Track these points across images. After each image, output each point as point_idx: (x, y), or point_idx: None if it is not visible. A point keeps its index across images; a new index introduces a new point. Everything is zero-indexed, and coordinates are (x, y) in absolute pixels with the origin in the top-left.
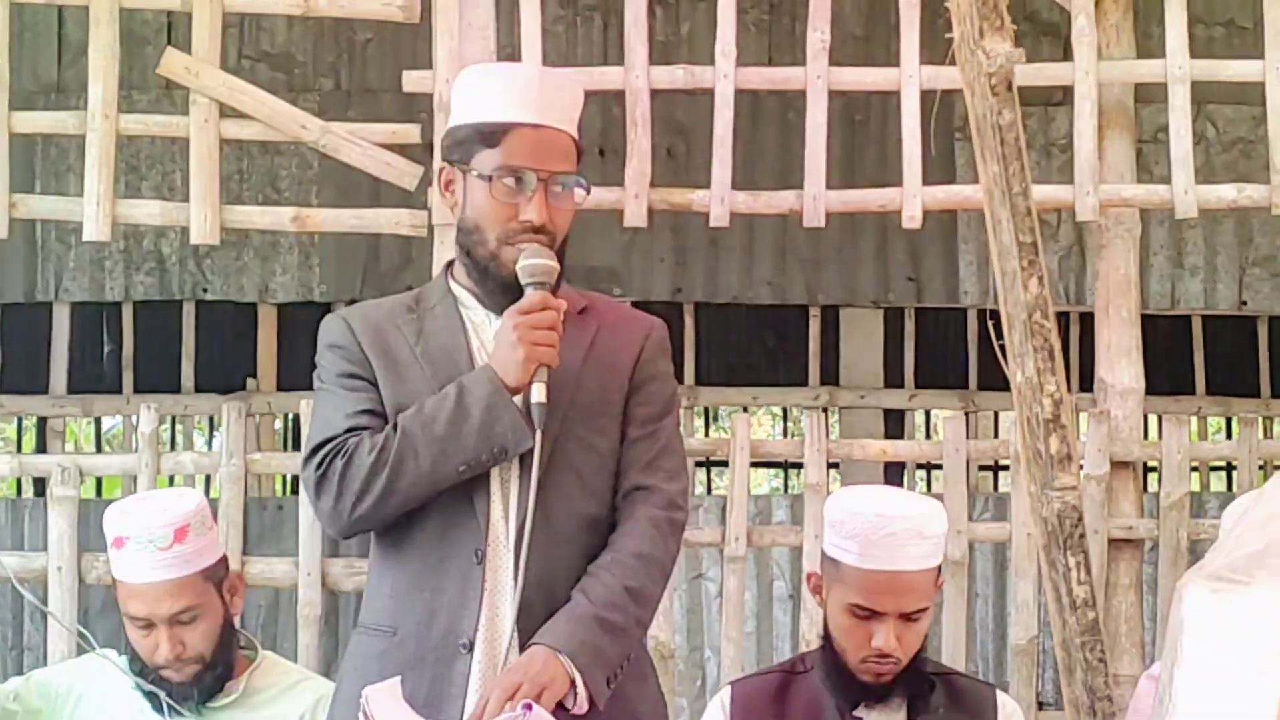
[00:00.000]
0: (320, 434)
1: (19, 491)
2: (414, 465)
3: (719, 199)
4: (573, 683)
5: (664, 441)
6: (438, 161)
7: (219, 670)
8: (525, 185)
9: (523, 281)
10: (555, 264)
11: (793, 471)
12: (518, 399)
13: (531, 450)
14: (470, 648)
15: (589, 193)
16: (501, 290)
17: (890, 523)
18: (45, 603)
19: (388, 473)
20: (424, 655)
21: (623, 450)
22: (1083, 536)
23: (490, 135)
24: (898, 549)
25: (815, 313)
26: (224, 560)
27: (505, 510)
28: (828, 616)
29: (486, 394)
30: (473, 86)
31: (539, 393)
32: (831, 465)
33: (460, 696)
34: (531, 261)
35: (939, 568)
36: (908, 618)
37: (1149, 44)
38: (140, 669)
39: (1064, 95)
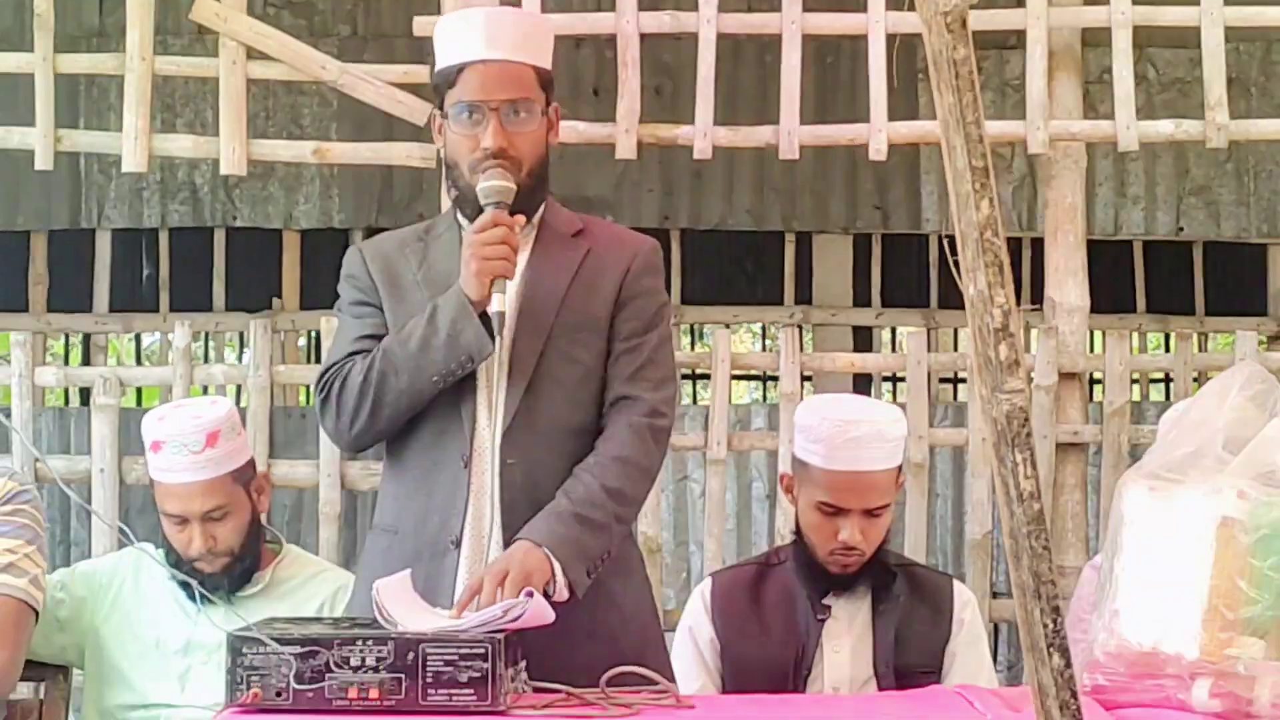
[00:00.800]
0: (327, 360)
1: (66, 401)
2: (394, 380)
3: (702, 134)
4: (553, 573)
5: (648, 354)
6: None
7: (247, 562)
8: (480, 116)
9: (481, 203)
10: (509, 184)
11: (770, 383)
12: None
13: (517, 363)
14: (458, 544)
15: (549, 113)
16: (478, 215)
17: (852, 427)
18: (89, 502)
19: (374, 390)
20: (420, 551)
21: (609, 363)
22: (1029, 435)
23: (449, 77)
24: (860, 451)
25: (790, 238)
26: (252, 462)
27: (491, 419)
28: (798, 514)
29: (452, 309)
30: (439, 37)
31: (497, 302)
32: (805, 378)
33: (450, 588)
34: (486, 184)
35: (899, 468)
36: (870, 514)
37: None
38: (175, 561)
39: (1017, 39)
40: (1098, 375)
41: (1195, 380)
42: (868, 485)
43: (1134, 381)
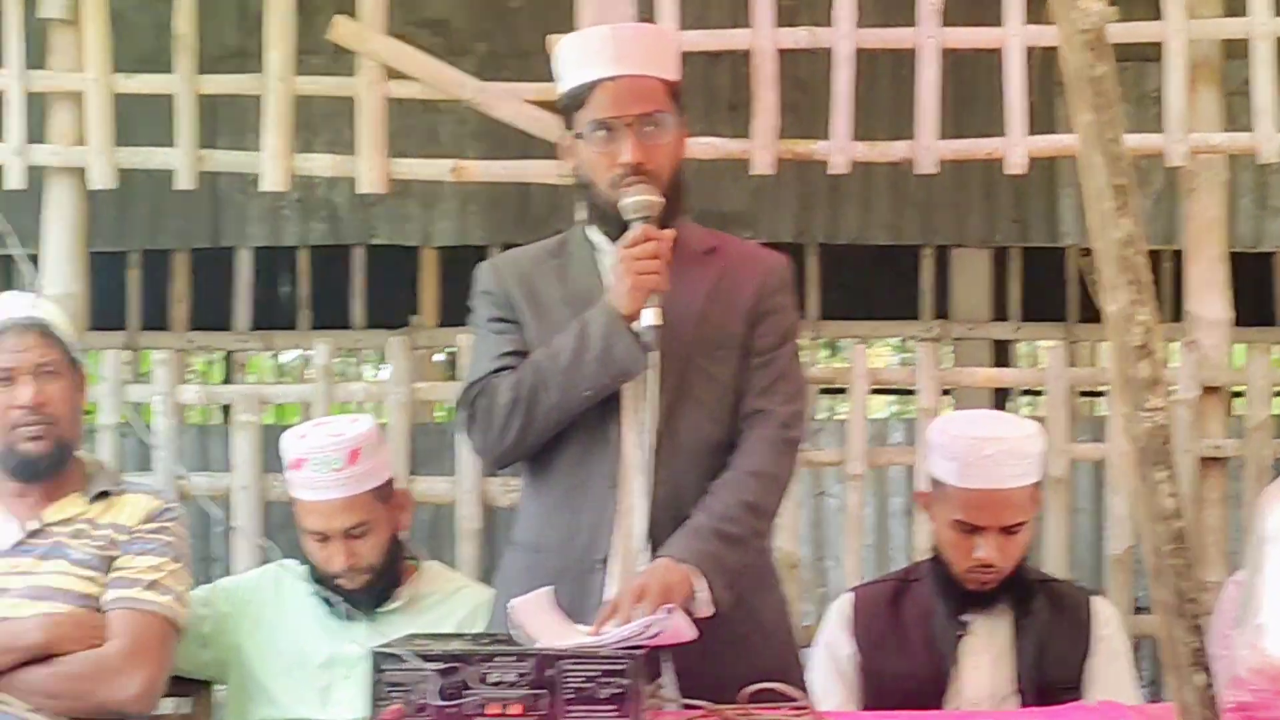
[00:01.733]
0: (471, 377)
1: (207, 419)
2: (545, 396)
3: (839, 149)
4: (694, 588)
5: (780, 368)
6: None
7: (387, 579)
8: (615, 133)
9: (626, 218)
10: (656, 198)
11: (908, 398)
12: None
13: (659, 383)
14: (604, 562)
15: (680, 124)
16: (621, 232)
17: (987, 444)
18: (231, 519)
19: (525, 406)
20: (566, 569)
21: (744, 378)
22: (1171, 453)
23: (579, 98)
24: (995, 468)
25: (928, 252)
26: (392, 479)
27: (640, 437)
28: (935, 531)
29: (604, 323)
30: (563, 58)
31: (650, 316)
32: (944, 392)
33: (596, 606)
34: (632, 199)
35: (1037, 484)
36: (1007, 531)
37: (1235, 3)
38: (317, 578)
39: (1156, 52)
40: (1239, 389)
41: None
42: (1003, 502)
43: (1276, 395)
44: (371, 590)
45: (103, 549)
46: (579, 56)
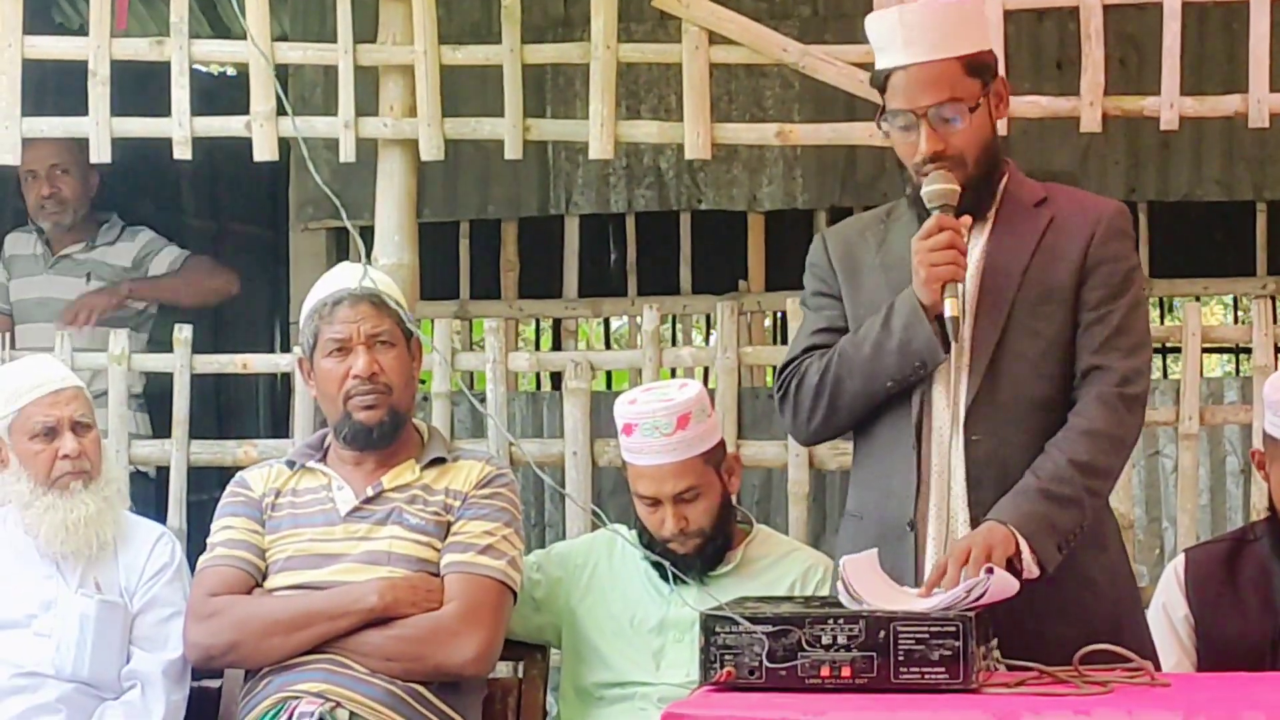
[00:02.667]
0: (788, 354)
1: (537, 385)
2: (849, 384)
3: (1168, 104)
4: (1019, 548)
5: (1117, 322)
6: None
7: (719, 542)
8: (912, 122)
9: (928, 207)
10: (951, 186)
11: (1243, 356)
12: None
13: (980, 339)
14: (913, 526)
15: (987, 96)
16: (926, 216)
17: None
18: (563, 485)
19: (829, 392)
20: (883, 535)
21: (1079, 334)
22: None
23: (879, 82)
24: None
25: (1261, 207)
26: (722, 443)
27: (949, 398)
28: (1271, 490)
29: (906, 313)
30: (871, 36)
31: (950, 307)
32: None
33: (910, 571)
34: (929, 189)
35: None
36: None
37: None
38: (648, 542)
39: None
40: None
41: None
42: None
43: None
44: (703, 554)
45: (437, 515)
46: (876, 40)
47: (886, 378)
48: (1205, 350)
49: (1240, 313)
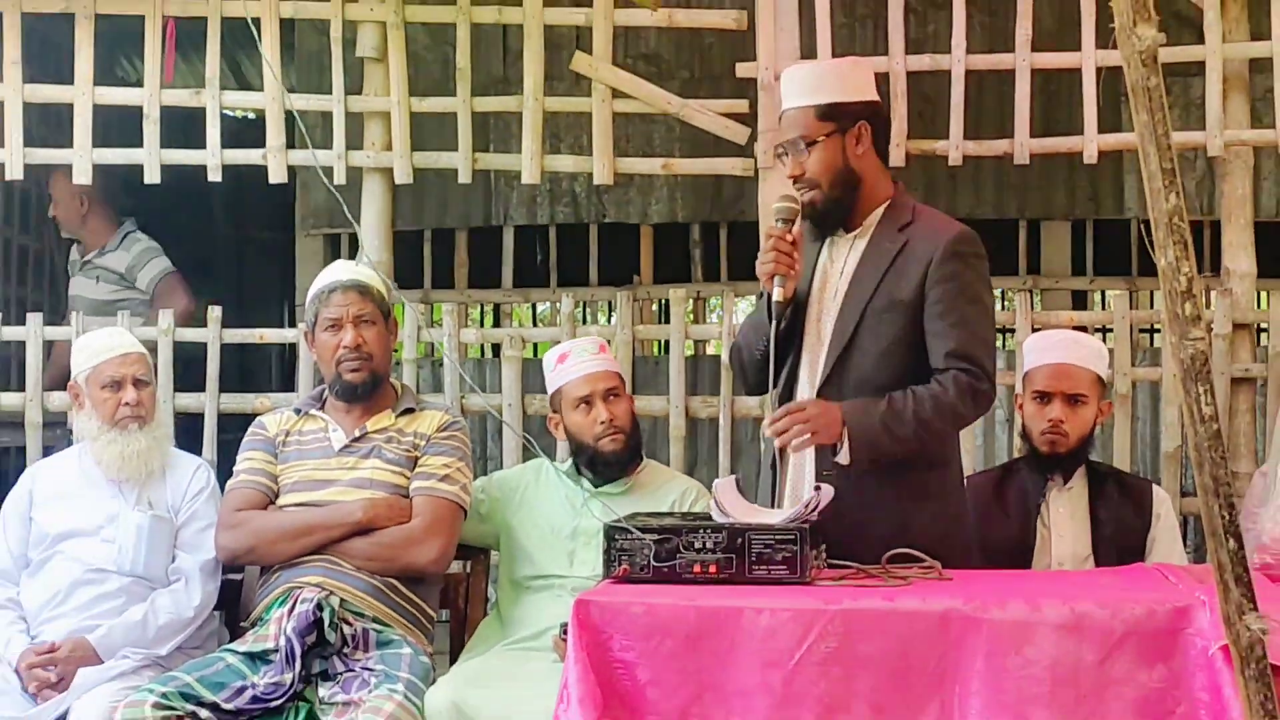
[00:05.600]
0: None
1: (482, 354)
2: (745, 350)
3: (954, 145)
4: (841, 440)
5: (951, 324)
6: (760, 125)
7: (635, 440)
8: (781, 153)
9: (774, 219)
10: (789, 204)
11: (1009, 335)
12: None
13: (837, 334)
14: (774, 467)
15: (845, 135)
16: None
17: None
18: (501, 429)
19: (738, 357)
20: (766, 466)
21: (927, 334)
22: (1209, 372)
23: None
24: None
25: (1022, 224)
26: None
27: (811, 376)
28: (1024, 420)
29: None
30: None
31: (776, 294)
32: (1036, 329)
33: (770, 496)
34: (775, 205)
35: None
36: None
37: (1260, 29)
38: (577, 450)
39: (1199, 68)
40: (1264, 325)
41: None
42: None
43: None
44: (626, 449)
45: (408, 451)
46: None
47: (755, 345)
48: None
49: (1006, 303)
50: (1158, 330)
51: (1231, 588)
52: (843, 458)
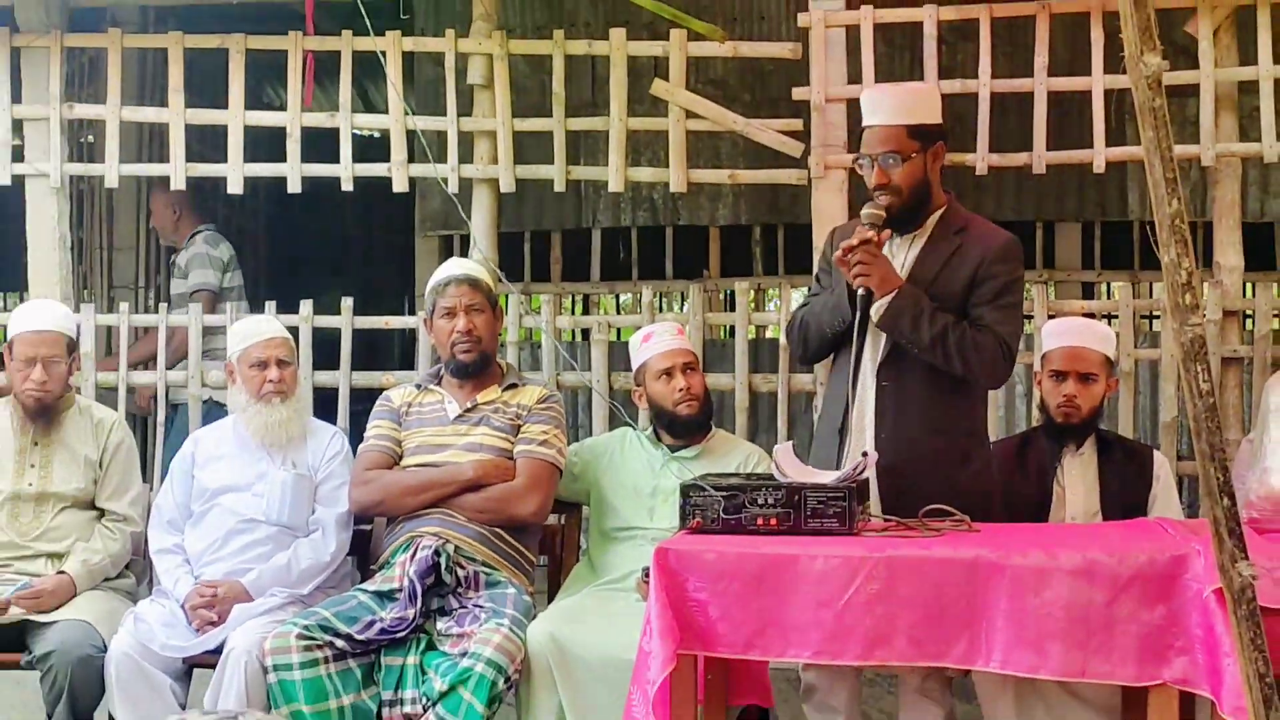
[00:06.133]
0: (797, 306)
1: (573, 338)
2: (813, 328)
3: (982, 157)
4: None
5: (992, 315)
6: (813, 141)
7: (708, 407)
8: (868, 163)
9: (862, 223)
10: (875, 210)
11: (1028, 320)
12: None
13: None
14: (841, 433)
15: (925, 154)
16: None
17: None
18: (591, 403)
19: (802, 332)
20: (829, 433)
21: (970, 318)
22: (1206, 354)
23: (860, 137)
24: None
25: (1039, 224)
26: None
27: (873, 357)
28: (1043, 394)
29: (840, 288)
30: (862, 106)
31: (861, 289)
32: (1052, 316)
33: (835, 460)
34: (863, 211)
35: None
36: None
37: (1247, 56)
38: (658, 415)
39: (1194, 90)
40: (1249, 312)
41: None
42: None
43: (1275, 315)
44: (700, 414)
45: (512, 420)
46: (863, 106)
47: (827, 325)
48: None
49: (1025, 293)
50: (1156, 316)
51: (1225, 539)
52: (875, 311)
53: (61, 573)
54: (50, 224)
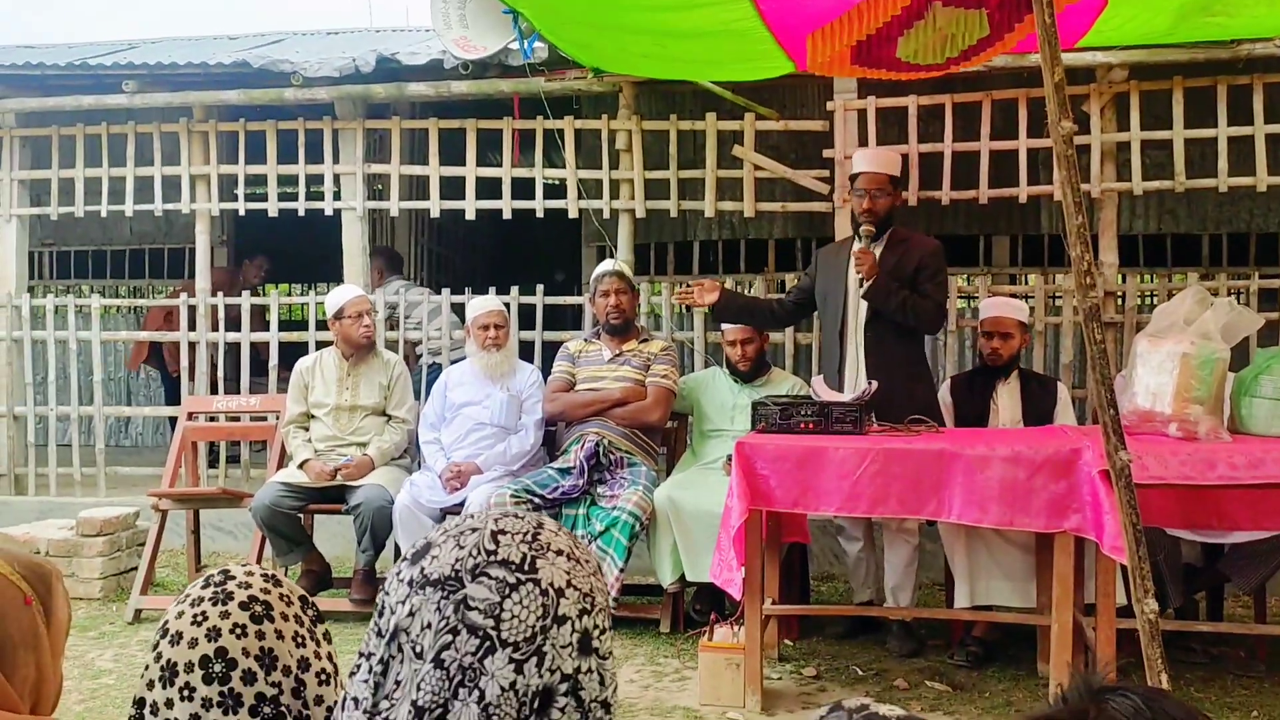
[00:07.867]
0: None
1: (682, 311)
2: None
3: (946, 194)
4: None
5: (930, 289)
6: (836, 184)
7: (758, 362)
8: (860, 195)
9: (860, 241)
10: (870, 229)
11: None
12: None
13: (872, 295)
14: (839, 369)
15: (895, 193)
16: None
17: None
18: (693, 350)
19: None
20: (830, 373)
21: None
22: (1101, 316)
23: (854, 178)
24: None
25: (982, 238)
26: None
27: (855, 323)
28: (980, 347)
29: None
30: (854, 159)
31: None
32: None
33: (843, 386)
34: (860, 230)
35: (1023, 324)
36: (1002, 336)
37: (1123, 124)
38: (730, 368)
39: (1086, 149)
40: (1120, 294)
41: (1169, 296)
42: (998, 324)
43: (1139, 295)
44: (753, 367)
45: (645, 361)
46: (856, 160)
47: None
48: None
49: (972, 281)
50: (1059, 296)
51: (1111, 436)
52: (868, 289)
53: (366, 455)
54: (356, 240)
